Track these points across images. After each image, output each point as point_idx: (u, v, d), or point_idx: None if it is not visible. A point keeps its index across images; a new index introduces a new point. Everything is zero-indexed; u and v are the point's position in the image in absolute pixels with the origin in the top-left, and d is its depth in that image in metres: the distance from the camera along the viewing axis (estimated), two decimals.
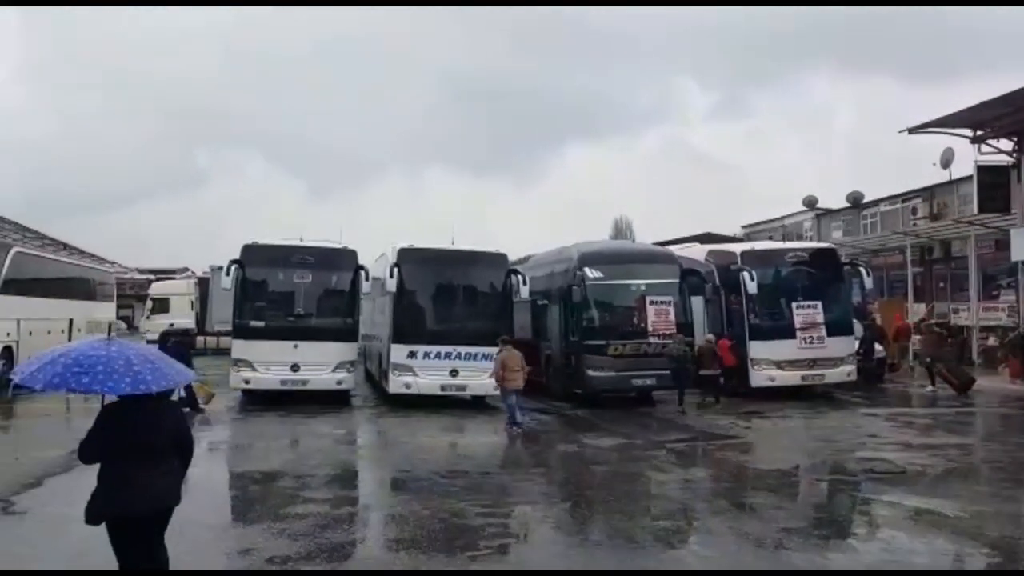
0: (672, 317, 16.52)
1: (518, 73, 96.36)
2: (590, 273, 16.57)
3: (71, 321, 22.72)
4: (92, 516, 4.76)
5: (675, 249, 20.58)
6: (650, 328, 16.32)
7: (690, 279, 17.33)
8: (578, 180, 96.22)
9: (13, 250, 19.99)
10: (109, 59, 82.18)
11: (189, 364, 10.99)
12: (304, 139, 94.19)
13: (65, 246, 32.82)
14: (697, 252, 20.57)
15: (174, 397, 5.76)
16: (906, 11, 73.10)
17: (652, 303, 16.51)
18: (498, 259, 16.90)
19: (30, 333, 19.38)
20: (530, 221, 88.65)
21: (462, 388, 16.00)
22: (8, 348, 18.20)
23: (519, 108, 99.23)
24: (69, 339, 22.32)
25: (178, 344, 15.36)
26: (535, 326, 19.26)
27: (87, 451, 4.82)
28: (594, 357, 16.14)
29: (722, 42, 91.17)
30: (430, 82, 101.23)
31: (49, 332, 20.97)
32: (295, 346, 15.84)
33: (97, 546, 6.35)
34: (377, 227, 78.07)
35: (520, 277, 16.47)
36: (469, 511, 7.96)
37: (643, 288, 16.76)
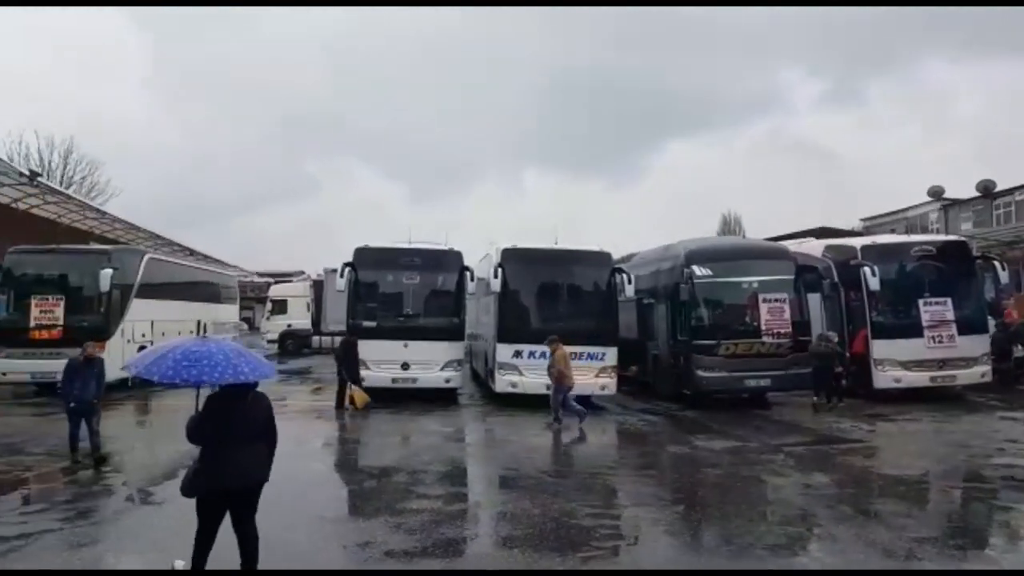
0: (787, 315, 15.92)
1: (616, 70, 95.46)
2: (698, 270, 16.18)
3: (199, 322, 24.16)
4: (191, 490, 5.49)
5: (789, 244, 19.81)
6: (763, 327, 15.78)
7: (806, 275, 16.66)
8: (680, 176, 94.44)
9: (147, 256, 21.48)
10: (225, 72, 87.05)
11: None
12: (406, 143, 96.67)
13: (192, 252, 35.06)
14: (813, 247, 19.73)
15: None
16: None
17: (765, 301, 15.94)
18: (602, 258, 16.77)
19: (163, 334, 20.70)
20: (632, 219, 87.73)
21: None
22: (143, 348, 19.47)
23: (617, 106, 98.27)
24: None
25: None
26: (640, 325, 18.98)
27: (194, 434, 5.52)
28: (704, 357, 15.75)
29: (827, 28, 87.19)
30: (530, 82, 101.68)
31: (179, 333, 22.33)
32: (405, 345, 16.26)
33: (231, 534, 6.71)
34: (478, 228, 79.18)
35: (625, 276, 16.28)
36: (579, 511, 7.92)
37: (755, 285, 16.22)
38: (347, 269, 16.53)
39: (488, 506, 8.45)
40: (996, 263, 17.61)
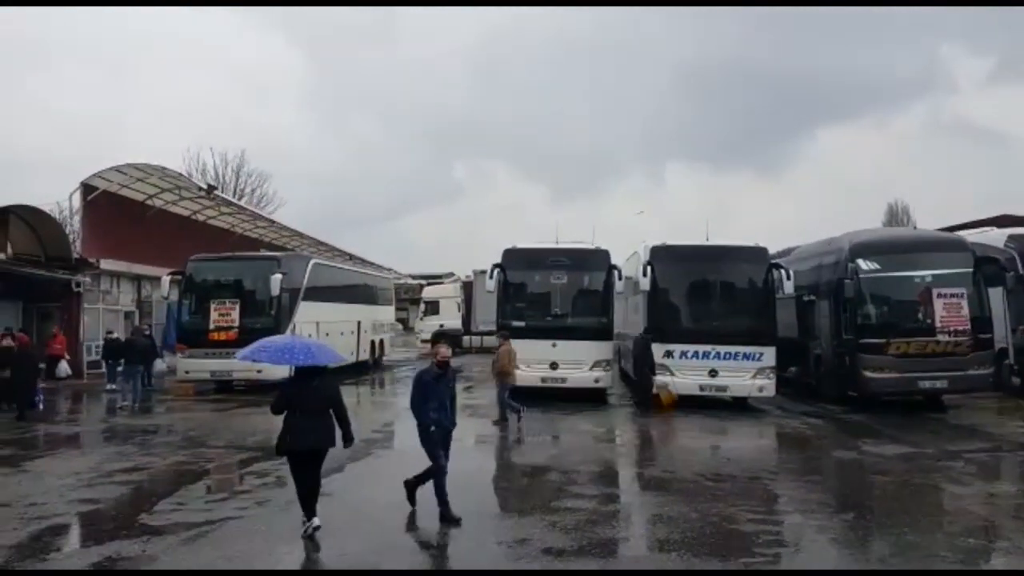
0: (965, 311, 14.65)
1: (753, 59, 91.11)
2: (864, 265, 15.21)
3: (359, 323, 25.43)
4: (279, 450, 7.05)
5: (965, 235, 18.16)
6: (938, 324, 14.60)
7: (986, 268, 15.24)
8: (833, 165, 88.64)
9: (312, 261, 22.88)
10: (376, 87, 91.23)
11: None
12: (544, 144, 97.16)
13: (351, 256, 37.01)
14: (994, 237, 18.06)
15: None
16: None
17: (940, 296, 14.73)
18: (758, 253, 16.07)
19: (326, 335, 21.91)
20: (784, 212, 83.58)
21: (722, 389, 15.42)
22: None
23: (756, 95, 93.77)
24: (357, 340, 25.06)
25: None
26: (801, 324, 18.04)
27: (277, 406, 7.11)
28: (872, 357, 14.75)
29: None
30: (664, 77, 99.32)
31: (341, 334, 23.67)
32: (553, 345, 16.32)
33: (394, 527, 6.97)
34: (620, 226, 78.31)
35: (783, 272, 15.51)
36: (740, 516, 7.60)
37: (928, 279, 15.02)
38: (496, 270, 16.81)
39: (643, 508, 8.29)
40: None
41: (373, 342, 27.35)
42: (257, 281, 19.42)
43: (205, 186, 28.18)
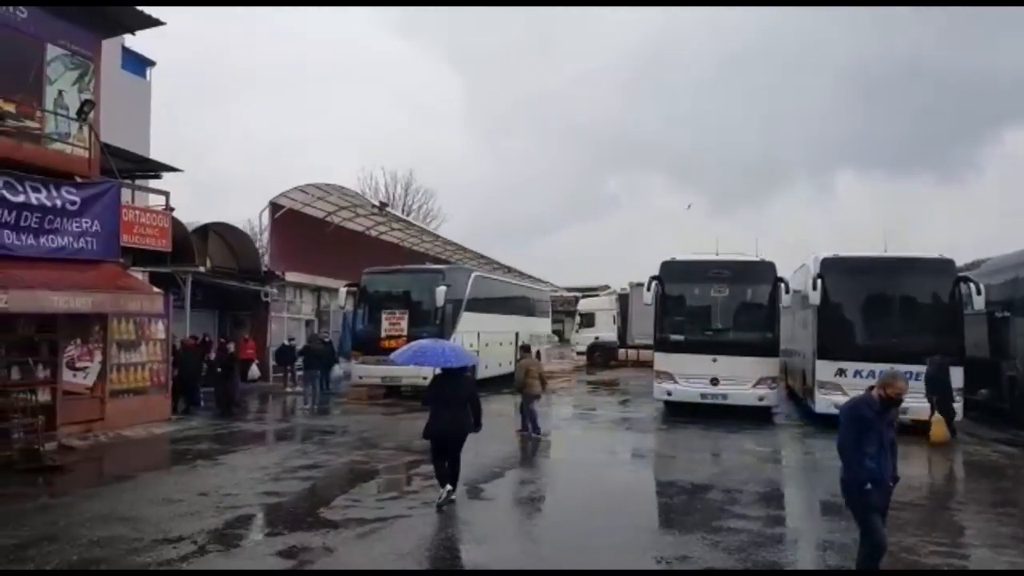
0: None
1: (926, 59, 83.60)
2: None
3: (516, 334, 25.99)
4: (425, 434, 8.46)
5: None
6: None
7: None
8: None
9: (474, 274, 23.70)
10: (532, 106, 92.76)
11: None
12: (704, 153, 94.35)
13: (510, 269, 37.94)
14: None
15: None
16: None
17: None
18: (942, 265, 14.83)
19: (486, 344, 22.66)
20: (970, 221, 76.16)
21: (903, 411, 14.28)
22: None
23: (931, 97, 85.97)
24: (515, 351, 25.63)
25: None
26: (993, 342, 16.47)
27: (427, 398, 8.76)
28: None
29: None
30: (829, 81, 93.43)
31: (501, 344, 24.33)
32: (714, 360, 15.91)
33: (552, 533, 7.11)
34: (786, 238, 74.55)
35: (973, 286, 14.23)
36: (921, 548, 7.09)
37: None
38: (654, 282, 16.61)
39: (811, 532, 7.91)
40: None
41: None
42: (424, 292, 20.36)
43: (378, 203, 29.98)
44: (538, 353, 28.78)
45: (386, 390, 20.28)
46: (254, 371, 22.02)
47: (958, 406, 13.96)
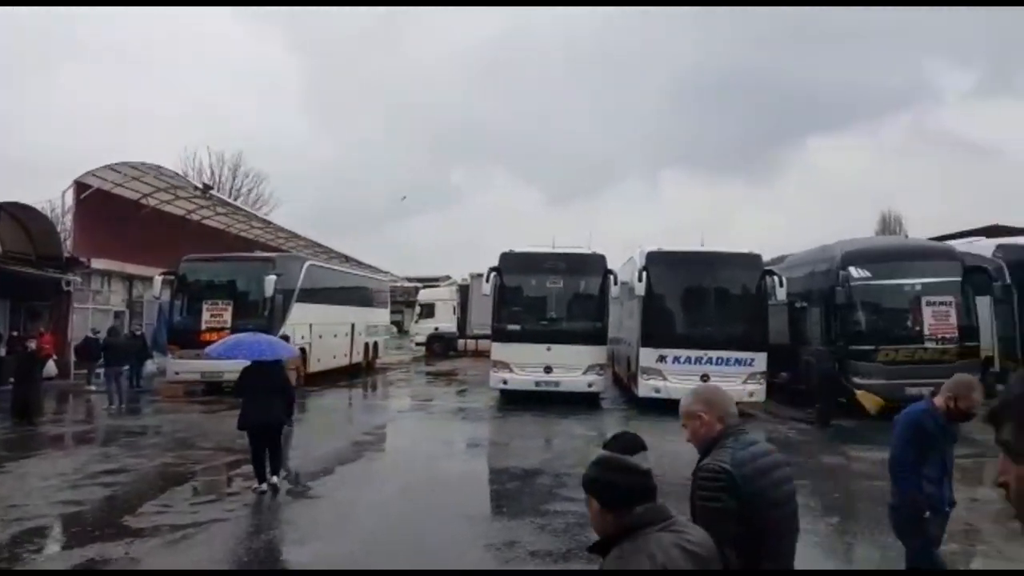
0: (953, 320, 14.78)
1: (749, 69, 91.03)
2: (855, 272, 15.28)
3: (352, 325, 25.34)
4: (240, 424, 8.53)
5: (956, 244, 18.28)
6: (927, 332, 14.70)
7: (974, 277, 15.34)
8: (825, 174, 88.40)
9: (307, 263, 22.79)
10: (374, 91, 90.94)
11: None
12: (541, 148, 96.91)
13: (347, 258, 36.92)
14: (983, 247, 18.18)
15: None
16: None
17: (929, 304, 14.85)
18: (752, 260, 16.11)
19: (320, 336, 21.89)
20: (777, 220, 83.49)
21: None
22: (303, 349, 20.51)
23: (751, 104, 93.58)
24: (351, 342, 25.04)
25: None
26: (793, 330, 18.09)
27: (237, 389, 8.99)
28: (860, 363, 14.81)
29: (979, 14, 78.42)
30: (661, 83, 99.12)
31: (335, 336, 23.61)
32: (548, 349, 16.33)
33: (383, 529, 6.94)
34: (615, 232, 78.19)
35: (776, 278, 15.58)
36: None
37: (918, 288, 15.13)
38: (492, 273, 16.78)
39: None
40: None
41: (367, 344, 27.25)
42: (251, 282, 19.32)
43: (200, 185, 28.07)
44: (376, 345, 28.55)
45: (206, 386, 19.09)
46: (50, 368, 19.92)
47: (761, 388, 15.24)
